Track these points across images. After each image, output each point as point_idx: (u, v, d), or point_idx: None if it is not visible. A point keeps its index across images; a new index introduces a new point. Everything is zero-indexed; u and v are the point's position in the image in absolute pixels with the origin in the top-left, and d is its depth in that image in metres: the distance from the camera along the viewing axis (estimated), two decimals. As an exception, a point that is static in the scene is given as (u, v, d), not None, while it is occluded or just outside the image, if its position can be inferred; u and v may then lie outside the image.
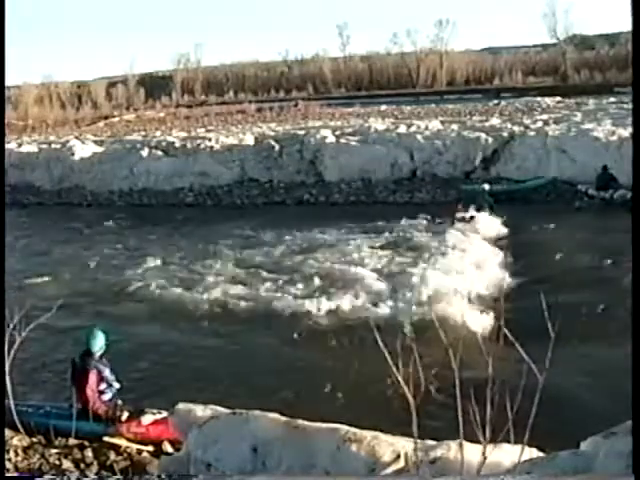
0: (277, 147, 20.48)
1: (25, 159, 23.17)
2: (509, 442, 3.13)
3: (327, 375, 7.15)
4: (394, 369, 2.96)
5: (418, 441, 3.39)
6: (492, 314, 8.32)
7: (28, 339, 5.72)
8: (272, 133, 23.80)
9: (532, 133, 19.14)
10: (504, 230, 13.52)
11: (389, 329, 7.14)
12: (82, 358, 5.89)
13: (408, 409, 2.91)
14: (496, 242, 12.73)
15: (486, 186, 15.57)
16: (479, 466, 2.98)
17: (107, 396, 5.94)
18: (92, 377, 5.81)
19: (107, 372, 5.90)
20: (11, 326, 5.55)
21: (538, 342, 2.90)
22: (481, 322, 8.17)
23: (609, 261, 10.80)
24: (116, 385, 5.98)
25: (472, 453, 3.17)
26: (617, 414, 3.03)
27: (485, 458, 2.95)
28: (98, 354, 5.90)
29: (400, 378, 2.93)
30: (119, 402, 6.01)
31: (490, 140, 18.91)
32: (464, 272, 10.43)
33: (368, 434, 3.62)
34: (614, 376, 5.65)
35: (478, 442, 3.09)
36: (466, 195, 15.72)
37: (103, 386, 5.90)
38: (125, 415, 5.89)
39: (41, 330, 6.69)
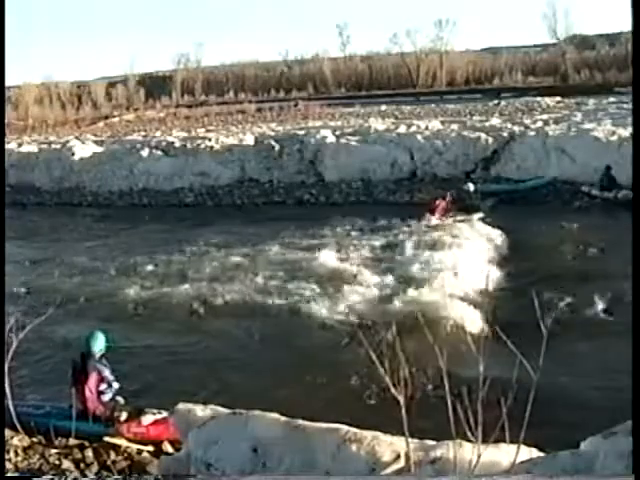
0: (277, 147, 20.48)
1: (25, 159, 23.17)
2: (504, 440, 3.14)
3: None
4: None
5: (418, 441, 3.41)
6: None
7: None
8: (272, 133, 23.81)
9: (532, 133, 19.13)
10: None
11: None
12: (82, 359, 5.90)
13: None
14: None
15: (471, 186, 15.72)
16: (475, 466, 2.98)
17: (107, 396, 5.95)
18: (92, 378, 5.83)
19: (107, 372, 5.91)
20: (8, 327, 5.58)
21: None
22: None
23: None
24: (115, 385, 5.99)
25: (472, 453, 3.17)
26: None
27: (479, 457, 2.95)
28: (98, 355, 5.92)
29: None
30: (121, 401, 6.02)
31: (490, 140, 18.92)
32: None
33: (368, 434, 3.62)
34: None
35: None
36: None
37: (103, 386, 5.91)
38: (124, 415, 5.89)
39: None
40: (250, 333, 8.85)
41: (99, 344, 5.93)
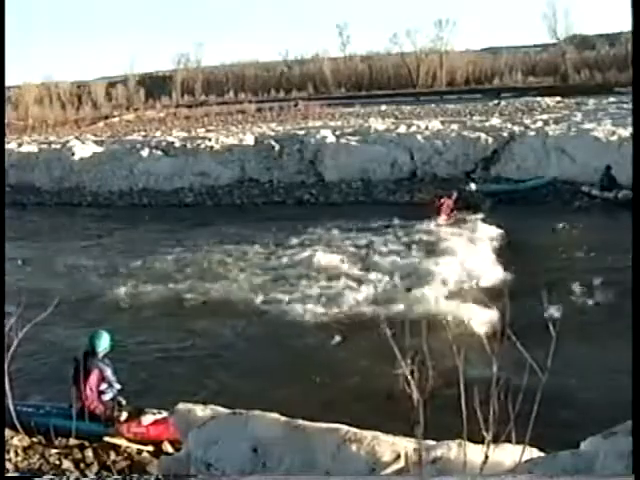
0: (277, 147, 20.48)
1: (25, 159, 23.17)
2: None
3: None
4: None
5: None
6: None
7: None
8: (272, 133, 23.81)
9: (532, 133, 19.13)
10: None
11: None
12: (85, 357, 5.91)
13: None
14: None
15: (473, 186, 15.67)
16: (481, 466, 2.98)
17: (107, 396, 5.96)
18: (93, 376, 5.84)
19: (109, 372, 5.92)
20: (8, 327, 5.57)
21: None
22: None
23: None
24: (117, 386, 5.99)
25: (473, 453, 3.17)
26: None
27: (487, 457, 2.95)
28: (101, 354, 5.93)
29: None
30: (123, 402, 6.02)
31: (490, 140, 18.91)
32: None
33: (368, 434, 3.62)
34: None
35: (478, 442, 3.09)
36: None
37: (104, 386, 5.92)
38: (124, 415, 5.89)
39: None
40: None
41: (103, 343, 5.94)
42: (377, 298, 9.63)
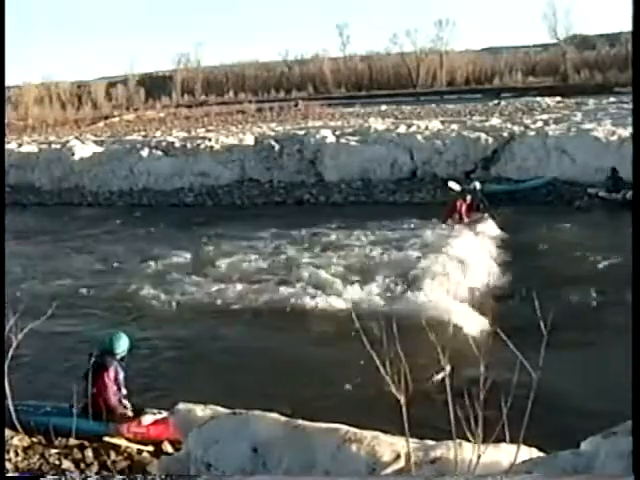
0: (277, 147, 20.46)
1: (25, 159, 23.16)
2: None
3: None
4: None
5: (418, 441, 3.41)
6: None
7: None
8: (272, 133, 23.80)
9: (532, 133, 19.11)
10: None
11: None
12: (101, 355, 5.89)
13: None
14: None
15: (477, 184, 15.58)
16: (475, 466, 2.98)
17: (115, 399, 5.93)
18: (111, 372, 5.82)
19: (121, 376, 5.90)
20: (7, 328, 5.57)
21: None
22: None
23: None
24: (124, 391, 5.96)
25: (472, 453, 3.17)
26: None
27: (479, 458, 2.95)
28: (119, 356, 5.93)
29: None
30: (128, 405, 6.01)
31: (490, 140, 18.91)
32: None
33: (368, 434, 3.62)
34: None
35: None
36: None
37: (114, 388, 5.90)
38: (129, 413, 5.90)
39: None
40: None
41: (122, 344, 5.93)
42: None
